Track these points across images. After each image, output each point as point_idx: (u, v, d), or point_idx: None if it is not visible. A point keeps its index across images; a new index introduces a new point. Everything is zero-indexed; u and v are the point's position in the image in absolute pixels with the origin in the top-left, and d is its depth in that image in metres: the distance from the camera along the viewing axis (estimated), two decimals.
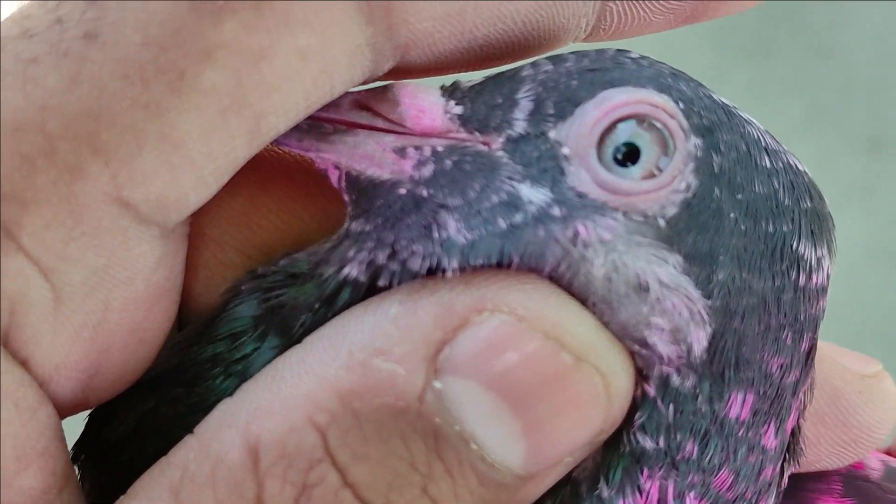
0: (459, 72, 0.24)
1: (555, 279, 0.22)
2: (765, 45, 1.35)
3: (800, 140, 1.30)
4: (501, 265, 0.22)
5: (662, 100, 0.23)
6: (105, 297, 0.22)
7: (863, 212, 1.27)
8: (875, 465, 0.28)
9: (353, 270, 0.23)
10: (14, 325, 0.21)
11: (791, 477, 0.25)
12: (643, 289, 0.22)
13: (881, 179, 1.29)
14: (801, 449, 0.25)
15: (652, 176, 0.22)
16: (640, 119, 0.22)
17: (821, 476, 0.27)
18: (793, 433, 0.25)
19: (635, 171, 0.22)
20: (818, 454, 0.27)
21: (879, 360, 0.28)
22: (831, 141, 1.31)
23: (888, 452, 0.30)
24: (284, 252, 0.24)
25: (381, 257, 0.23)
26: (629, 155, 0.22)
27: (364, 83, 0.23)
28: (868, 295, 1.19)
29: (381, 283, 0.23)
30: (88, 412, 0.25)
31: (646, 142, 0.22)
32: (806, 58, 1.35)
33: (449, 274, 0.22)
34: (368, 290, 0.23)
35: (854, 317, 1.16)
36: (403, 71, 0.24)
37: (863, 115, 1.32)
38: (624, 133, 0.22)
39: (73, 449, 0.24)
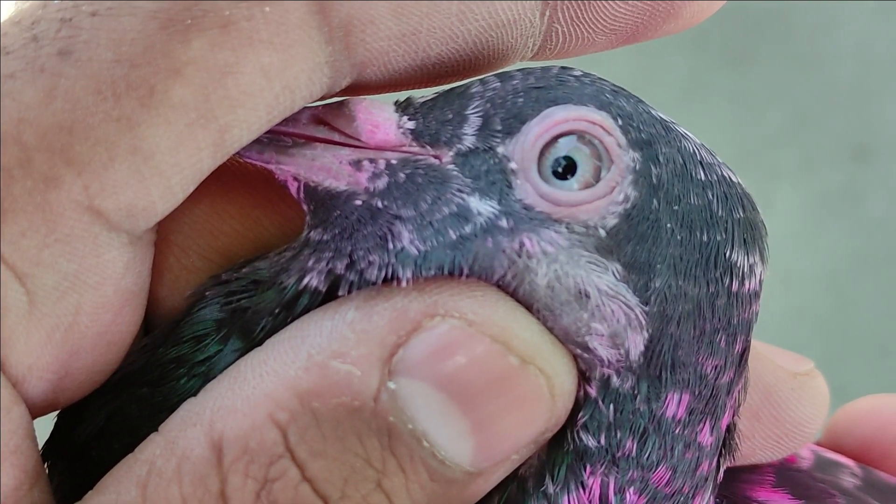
0: (414, 88, 0.26)
1: (502, 287, 0.24)
2: (747, 53, 1.36)
3: (783, 148, 1.31)
4: (453, 274, 0.24)
5: (601, 117, 0.24)
6: (76, 300, 0.23)
7: (847, 220, 1.29)
8: (805, 454, 0.30)
9: (313, 280, 0.24)
10: None
11: (726, 470, 0.27)
12: (583, 296, 0.24)
13: (865, 187, 1.30)
14: (736, 444, 0.27)
15: (589, 187, 0.24)
16: (580, 135, 0.24)
17: (754, 468, 0.29)
18: (728, 429, 0.27)
19: (573, 183, 0.24)
20: (752, 448, 0.29)
21: (865, 365, 0.30)
22: (815, 149, 1.32)
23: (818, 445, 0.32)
24: (246, 258, 0.26)
25: (340, 267, 0.24)
26: (568, 168, 0.24)
27: (322, 98, 0.25)
28: (853, 302, 1.20)
29: (340, 292, 0.24)
30: (57, 411, 0.26)
31: (583, 156, 0.24)
32: (789, 65, 1.36)
33: (404, 283, 0.24)
34: (326, 296, 0.24)
35: (839, 324, 1.17)
36: (360, 87, 0.25)
37: (847, 123, 1.33)
38: (564, 147, 0.24)
39: (42, 448, 0.26)
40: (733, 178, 0.26)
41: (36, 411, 0.24)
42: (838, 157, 1.32)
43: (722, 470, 0.27)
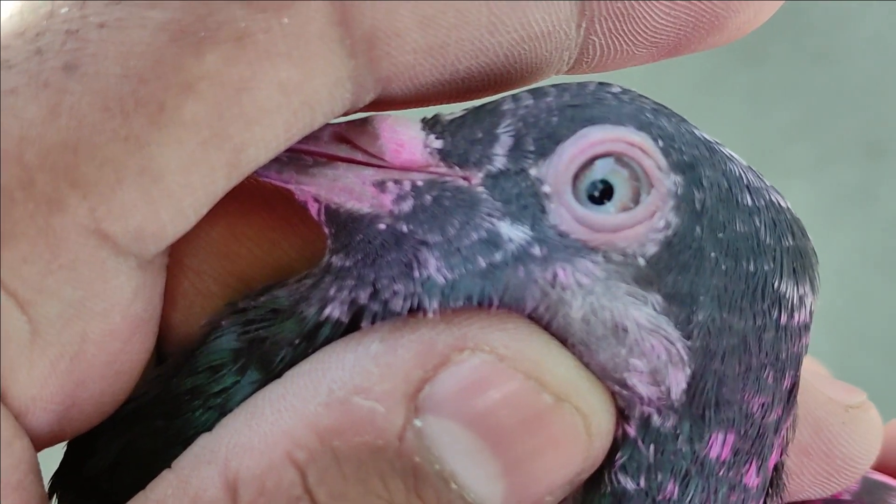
0: (441, 104, 0.25)
1: (534, 319, 0.23)
2: (762, 50, 1.36)
3: (797, 145, 1.31)
4: (482, 304, 0.23)
5: (640, 138, 0.23)
6: (82, 329, 0.22)
7: (862, 217, 1.28)
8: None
9: (335, 311, 0.23)
10: None
11: None
12: (621, 330, 0.22)
13: (880, 185, 1.30)
14: (784, 484, 0.26)
15: (628, 213, 0.23)
16: (618, 157, 0.23)
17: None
18: (776, 469, 0.25)
19: (610, 208, 0.23)
20: (801, 485, 0.27)
21: (880, 366, 0.29)
22: (829, 146, 1.32)
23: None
24: (264, 285, 0.25)
25: (363, 297, 0.23)
26: (605, 192, 0.23)
27: (345, 115, 0.24)
28: (867, 301, 1.20)
29: (364, 323, 0.23)
30: (66, 443, 0.25)
31: (621, 179, 0.23)
32: (803, 62, 1.35)
33: (430, 313, 0.23)
34: (349, 327, 0.23)
35: (853, 323, 1.17)
36: (385, 103, 0.24)
37: (861, 121, 1.33)
38: (601, 170, 0.23)
39: (50, 480, 0.25)
40: (782, 204, 0.24)
41: (41, 443, 0.23)
42: (852, 154, 1.31)
43: None
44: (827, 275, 0.25)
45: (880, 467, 0.31)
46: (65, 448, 0.25)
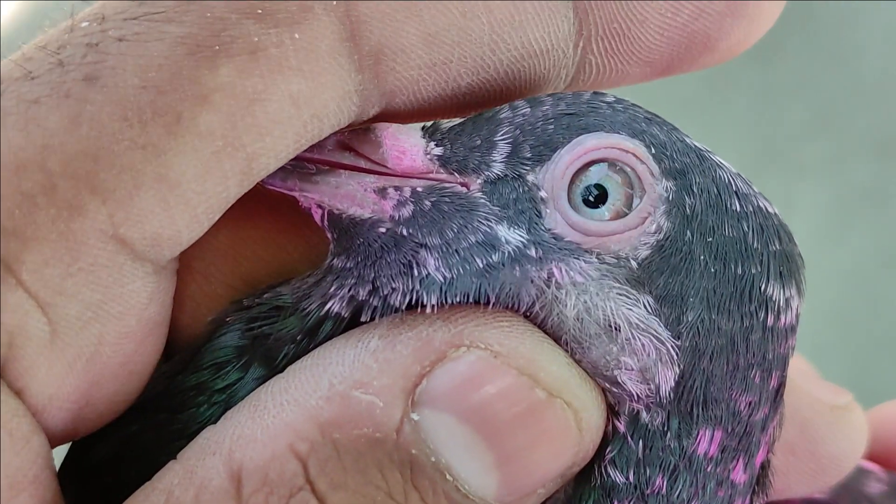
0: (443, 118, 0.26)
1: (530, 318, 0.24)
2: (772, 47, 1.35)
3: (808, 143, 1.30)
4: (479, 302, 0.24)
5: (633, 145, 0.24)
6: (99, 331, 0.23)
7: (874, 217, 1.27)
8: None
9: (335, 305, 0.24)
10: (11, 356, 0.22)
11: None
12: (614, 329, 0.23)
13: (892, 184, 1.29)
14: (771, 482, 0.26)
15: (620, 217, 0.24)
16: (612, 163, 0.24)
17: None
18: (762, 467, 0.26)
19: (603, 212, 0.24)
20: (787, 483, 0.28)
21: (890, 365, 0.29)
22: (841, 145, 1.31)
23: None
24: (269, 284, 0.26)
25: (363, 293, 0.24)
26: (599, 197, 0.24)
27: (349, 126, 0.25)
28: (880, 303, 1.19)
29: (363, 318, 0.24)
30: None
31: (615, 184, 0.24)
32: (814, 59, 1.35)
33: (428, 309, 0.24)
34: (350, 323, 0.24)
35: (866, 325, 1.16)
36: (389, 116, 0.25)
37: (873, 119, 1.32)
38: (595, 175, 0.24)
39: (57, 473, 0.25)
40: (770, 209, 0.25)
41: (55, 440, 0.24)
42: (864, 153, 1.31)
43: None
44: (839, 273, 0.26)
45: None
46: (68, 445, 0.26)
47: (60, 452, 0.26)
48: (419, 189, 0.24)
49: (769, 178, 1.25)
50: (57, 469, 0.25)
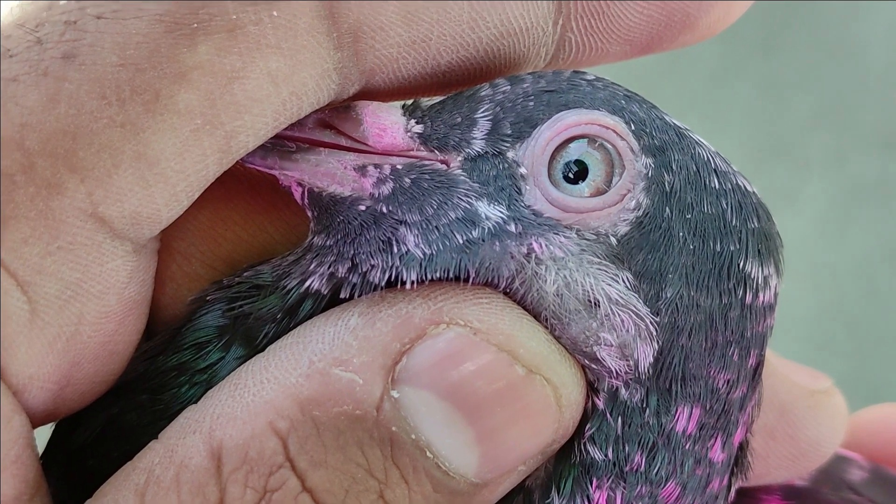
0: (423, 96, 0.27)
1: (510, 294, 0.24)
2: (776, 41, 1.35)
3: (813, 137, 1.30)
4: (459, 279, 0.24)
5: (613, 121, 0.25)
6: (79, 310, 0.24)
7: (879, 211, 1.27)
8: None
9: (315, 283, 0.25)
10: None
11: (738, 490, 0.27)
12: (593, 305, 0.24)
13: None
14: (749, 462, 0.27)
15: (600, 193, 0.24)
16: (592, 139, 0.24)
17: (766, 488, 0.29)
18: (741, 447, 0.27)
19: (584, 188, 0.24)
20: (767, 468, 0.29)
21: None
22: (844, 139, 1.31)
23: None
24: (249, 264, 0.26)
25: (342, 270, 0.25)
26: (579, 173, 0.24)
27: (329, 105, 0.25)
28: (885, 298, 1.19)
29: (343, 295, 0.25)
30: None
31: (595, 160, 0.24)
32: (819, 53, 1.35)
33: (408, 286, 0.24)
34: (330, 301, 0.25)
35: (871, 320, 1.16)
36: (369, 94, 0.26)
37: (878, 112, 1.32)
38: (575, 151, 0.25)
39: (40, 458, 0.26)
40: (748, 188, 0.26)
41: (37, 421, 0.24)
42: (869, 147, 1.30)
43: (734, 489, 0.27)
44: (843, 271, 0.26)
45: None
46: (53, 424, 0.27)
47: (44, 437, 0.26)
48: (399, 166, 0.25)
49: (774, 172, 1.25)
50: (41, 452, 0.25)
